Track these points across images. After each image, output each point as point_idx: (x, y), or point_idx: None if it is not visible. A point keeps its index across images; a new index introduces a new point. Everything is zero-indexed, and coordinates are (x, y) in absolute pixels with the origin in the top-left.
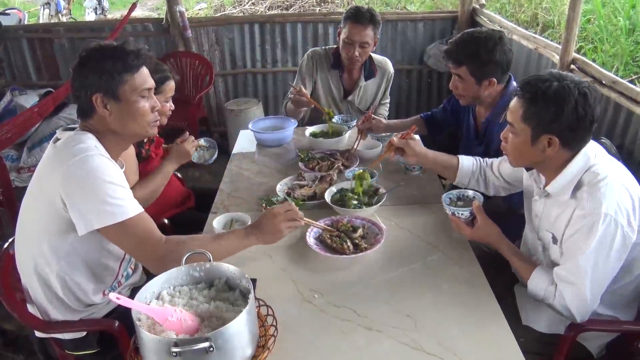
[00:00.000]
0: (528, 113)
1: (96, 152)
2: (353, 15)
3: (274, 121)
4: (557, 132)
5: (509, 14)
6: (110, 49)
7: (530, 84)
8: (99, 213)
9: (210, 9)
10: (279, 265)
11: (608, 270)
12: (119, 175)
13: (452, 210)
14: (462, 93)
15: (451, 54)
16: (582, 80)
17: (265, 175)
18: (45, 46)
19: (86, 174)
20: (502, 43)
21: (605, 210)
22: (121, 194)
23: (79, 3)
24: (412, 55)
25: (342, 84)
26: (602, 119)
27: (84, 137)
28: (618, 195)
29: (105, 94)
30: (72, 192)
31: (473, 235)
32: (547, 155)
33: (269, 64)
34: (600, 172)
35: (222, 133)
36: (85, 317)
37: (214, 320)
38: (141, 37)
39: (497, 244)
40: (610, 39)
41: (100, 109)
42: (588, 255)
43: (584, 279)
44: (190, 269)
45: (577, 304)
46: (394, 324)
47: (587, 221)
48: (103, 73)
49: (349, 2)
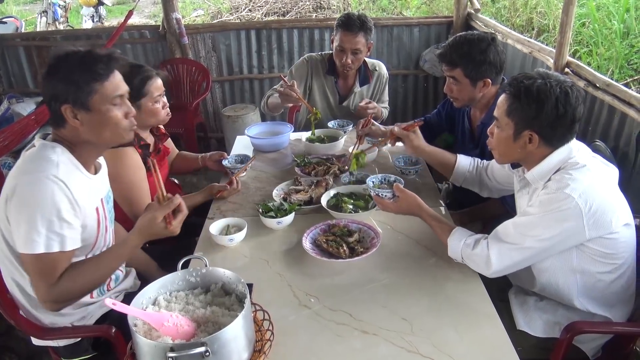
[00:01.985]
0: (511, 108)
1: (52, 175)
2: (344, 22)
3: (270, 127)
4: (538, 128)
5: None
6: (78, 56)
7: (516, 80)
8: (26, 240)
9: (207, 15)
10: (275, 269)
11: (545, 249)
12: (64, 204)
13: (375, 192)
14: (456, 96)
15: (445, 57)
16: (566, 80)
17: (261, 181)
18: (43, 54)
19: (33, 195)
20: (494, 44)
21: (570, 192)
22: (57, 227)
23: (76, 11)
24: (407, 60)
25: (337, 90)
26: (597, 121)
27: (51, 151)
28: (589, 184)
29: (75, 104)
30: (16, 204)
31: (397, 208)
32: (528, 151)
33: (265, 69)
34: (578, 162)
35: (219, 139)
36: (78, 321)
37: (210, 325)
38: (138, 44)
39: (419, 212)
40: (605, 42)
41: (70, 120)
42: (535, 221)
43: (520, 241)
44: (187, 274)
45: (499, 257)
46: (390, 327)
47: (547, 197)
48: (71, 83)
49: (345, 8)
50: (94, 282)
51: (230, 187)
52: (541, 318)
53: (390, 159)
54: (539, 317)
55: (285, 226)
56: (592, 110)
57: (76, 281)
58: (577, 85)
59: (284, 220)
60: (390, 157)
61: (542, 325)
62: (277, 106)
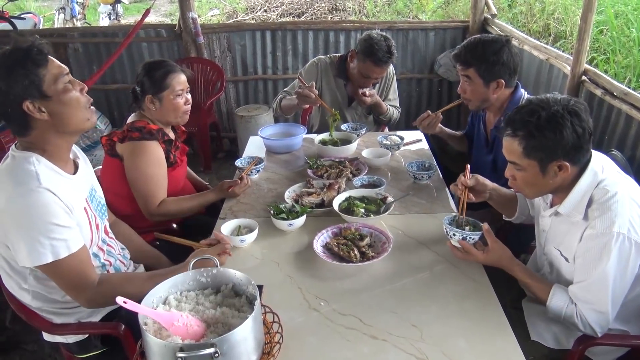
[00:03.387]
0: (529, 148)
1: (36, 186)
2: (374, 55)
3: (283, 128)
4: (564, 155)
5: (521, 24)
6: (8, 53)
7: (518, 121)
8: (30, 252)
9: (222, 15)
10: (285, 272)
11: (625, 284)
12: (56, 211)
13: (464, 234)
14: (469, 96)
15: (459, 57)
16: (567, 99)
17: (273, 182)
18: (60, 50)
19: (24, 211)
20: (508, 45)
21: (618, 229)
22: (57, 233)
23: (94, 8)
24: (422, 64)
25: (346, 92)
26: (613, 130)
27: (26, 162)
28: (629, 211)
29: (33, 97)
30: (8, 225)
31: (486, 259)
32: (560, 180)
33: (279, 70)
34: (609, 188)
35: (232, 139)
36: (85, 318)
37: (219, 326)
38: (154, 42)
39: (510, 267)
40: (623, 50)
41: (36, 114)
42: (606, 274)
43: (604, 297)
44: (197, 275)
45: (598, 320)
46: (399, 333)
47: (600, 241)
48: (20, 78)
49: (360, 11)
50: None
51: (241, 182)
52: (554, 329)
53: (403, 164)
54: (552, 327)
55: (297, 228)
56: (609, 119)
57: (125, 290)
58: (578, 100)
59: (295, 222)
60: (403, 162)
61: (555, 336)
62: (292, 108)
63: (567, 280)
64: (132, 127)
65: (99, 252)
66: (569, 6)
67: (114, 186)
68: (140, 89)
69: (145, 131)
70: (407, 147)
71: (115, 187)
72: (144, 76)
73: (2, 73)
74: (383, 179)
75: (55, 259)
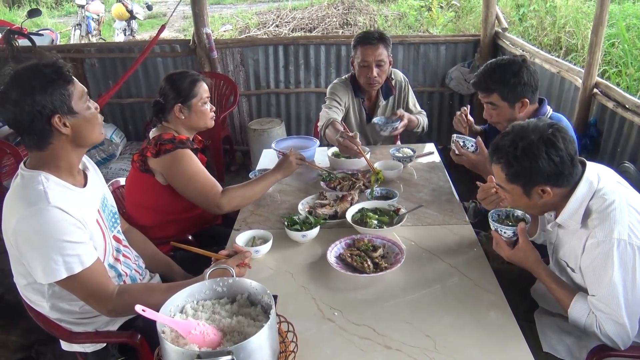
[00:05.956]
0: (510, 174)
1: (45, 205)
2: (362, 38)
3: (296, 141)
4: (544, 181)
5: (532, 37)
6: (41, 68)
7: (499, 151)
8: (45, 270)
9: (235, 30)
10: (299, 282)
11: (637, 292)
12: (67, 227)
13: (496, 226)
14: (497, 120)
15: (480, 85)
16: (546, 127)
17: (287, 194)
18: (77, 66)
19: (35, 230)
20: (526, 65)
21: (618, 236)
22: (69, 249)
23: (109, 24)
24: (434, 78)
25: (364, 109)
26: (626, 143)
27: (35, 182)
28: (628, 218)
29: (62, 112)
30: (22, 245)
31: (512, 256)
32: (547, 201)
33: (292, 84)
34: (607, 197)
35: (245, 152)
36: (103, 327)
37: (235, 335)
38: (169, 57)
39: (535, 269)
40: (635, 62)
41: (62, 129)
42: (614, 283)
43: (617, 307)
44: (214, 284)
45: (617, 331)
46: (413, 343)
47: (602, 249)
48: (56, 93)
49: (371, 25)
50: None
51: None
52: (567, 341)
53: (415, 176)
54: (565, 339)
55: (310, 239)
56: (621, 132)
57: (145, 300)
58: (556, 125)
59: (309, 234)
60: (415, 174)
61: (568, 348)
62: (332, 141)
63: (579, 289)
64: (162, 140)
65: (115, 264)
66: (580, 19)
67: (140, 198)
68: (165, 100)
69: (177, 141)
70: (420, 160)
71: (142, 199)
72: (169, 88)
73: (39, 87)
74: (395, 191)
75: (69, 275)
